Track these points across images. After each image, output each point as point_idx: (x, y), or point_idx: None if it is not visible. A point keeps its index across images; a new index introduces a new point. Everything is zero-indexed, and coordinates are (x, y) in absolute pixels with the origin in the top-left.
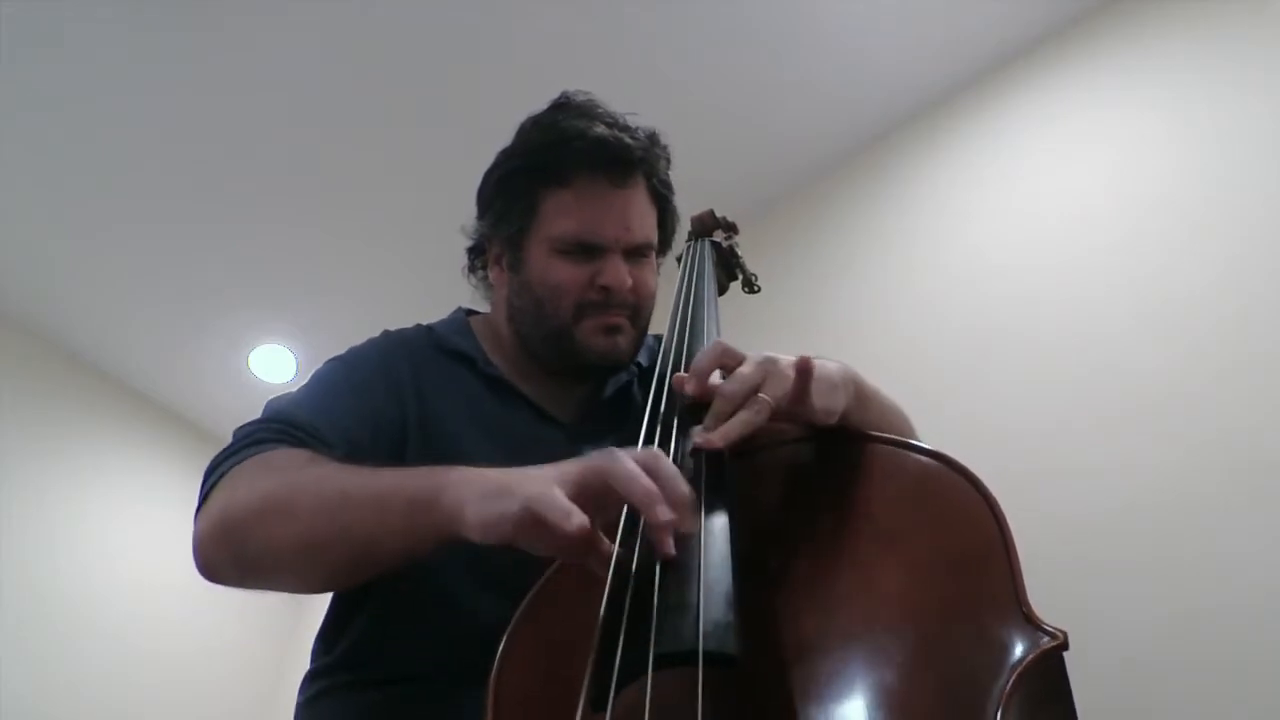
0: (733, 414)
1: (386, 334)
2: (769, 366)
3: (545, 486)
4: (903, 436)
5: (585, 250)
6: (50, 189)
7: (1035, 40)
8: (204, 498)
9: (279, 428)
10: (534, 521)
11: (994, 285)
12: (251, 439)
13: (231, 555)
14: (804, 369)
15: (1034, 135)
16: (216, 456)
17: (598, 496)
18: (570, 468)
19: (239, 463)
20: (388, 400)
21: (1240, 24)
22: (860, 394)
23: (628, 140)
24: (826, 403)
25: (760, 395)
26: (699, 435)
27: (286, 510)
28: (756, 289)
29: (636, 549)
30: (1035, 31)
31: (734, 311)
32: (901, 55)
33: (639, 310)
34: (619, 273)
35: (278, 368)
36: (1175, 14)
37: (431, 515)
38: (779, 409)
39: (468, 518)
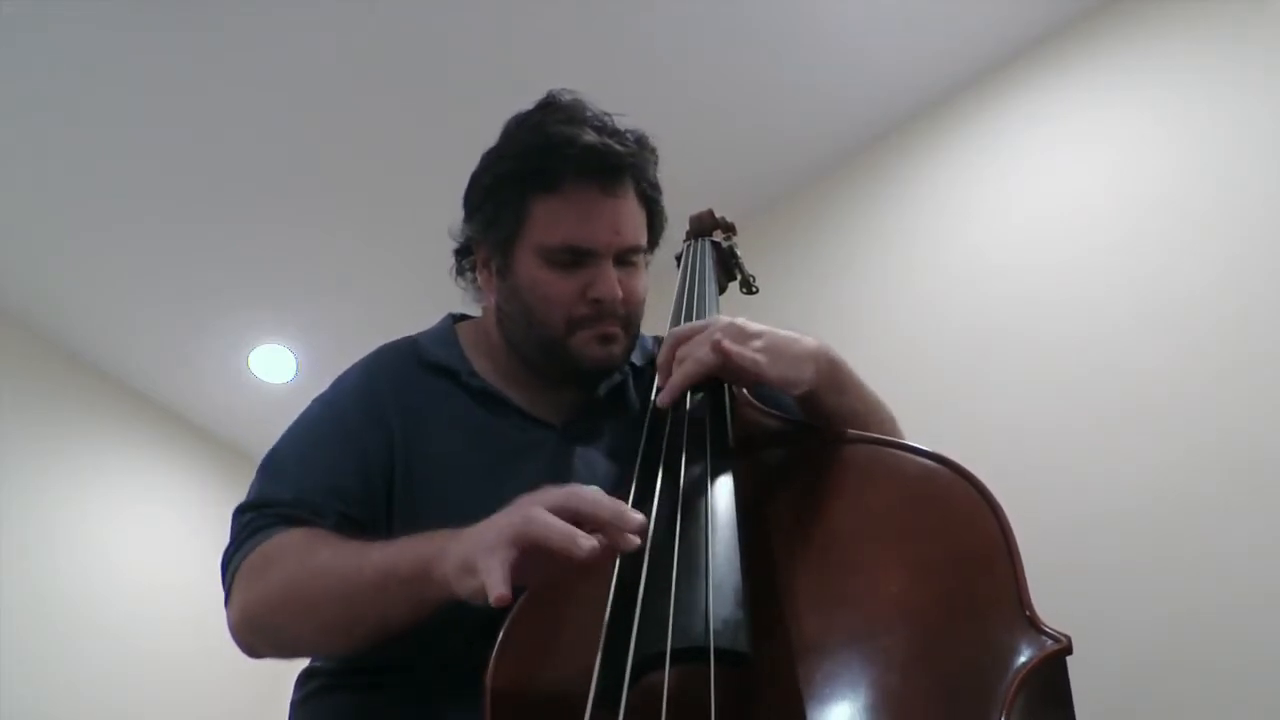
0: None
1: (369, 357)
2: (708, 324)
3: (489, 561)
4: (888, 433)
5: (575, 258)
6: (50, 189)
7: (1035, 40)
8: (227, 592)
9: (270, 513)
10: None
11: (994, 285)
12: (249, 528)
13: (265, 643)
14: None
15: (1034, 135)
16: (225, 551)
17: (536, 552)
18: (507, 530)
19: (245, 557)
20: (369, 431)
21: (1240, 24)
22: (836, 377)
23: (617, 147)
24: (786, 372)
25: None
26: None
27: (299, 606)
28: (755, 290)
29: (646, 549)
30: (1035, 31)
31: (734, 311)
32: (901, 55)
33: (630, 318)
34: (610, 284)
35: (278, 368)
36: (1175, 14)
37: (427, 590)
38: (730, 360)
39: (460, 593)
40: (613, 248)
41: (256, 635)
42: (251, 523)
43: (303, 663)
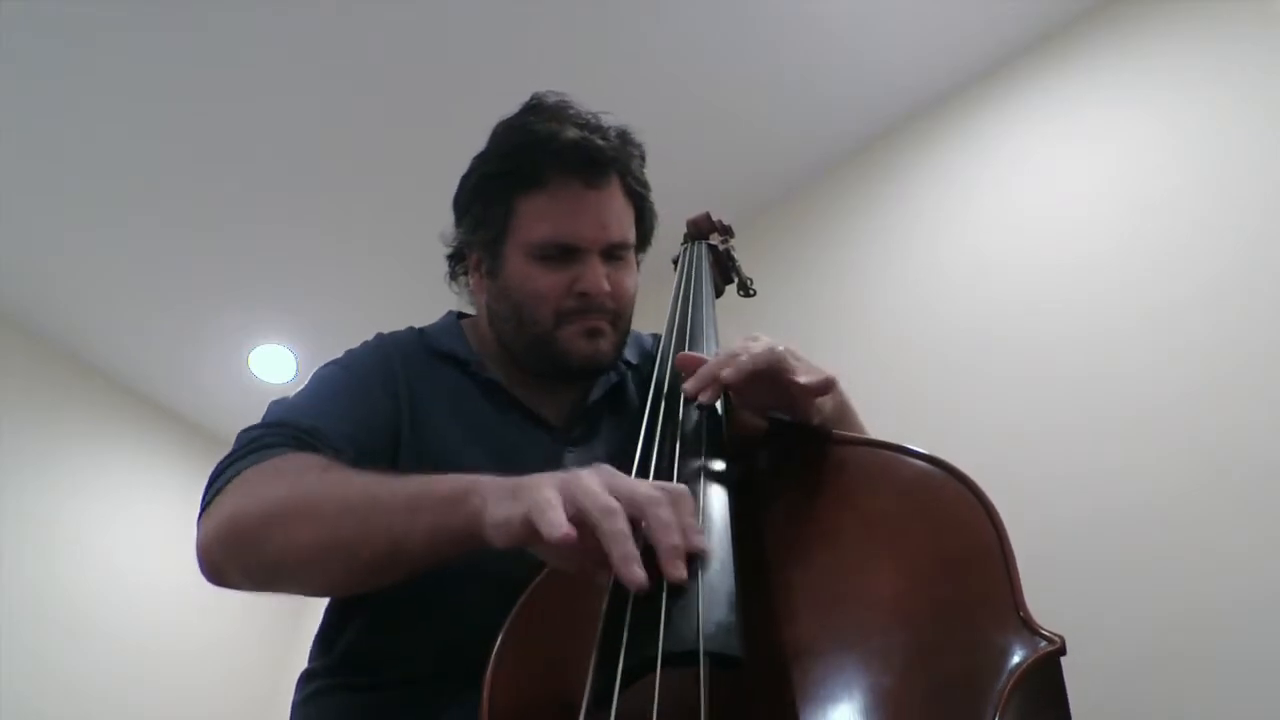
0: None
1: (380, 336)
2: (761, 343)
3: (547, 496)
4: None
5: (562, 254)
6: (50, 189)
7: (1035, 40)
8: (209, 501)
9: (285, 432)
10: (533, 528)
11: (994, 285)
12: (258, 443)
13: (242, 558)
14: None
15: (1034, 135)
16: (222, 461)
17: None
18: (577, 487)
19: (247, 466)
20: (384, 397)
21: (1240, 24)
22: (841, 402)
23: (598, 141)
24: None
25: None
26: (687, 384)
27: (310, 513)
28: (752, 292)
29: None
30: (1035, 31)
31: (734, 310)
32: (901, 55)
33: (619, 313)
34: (597, 277)
35: (278, 368)
36: (1175, 14)
37: (459, 515)
38: (772, 367)
39: (485, 517)
40: (599, 243)
41: (235, 549)
42: (261, 438)
43: (302, 662)
